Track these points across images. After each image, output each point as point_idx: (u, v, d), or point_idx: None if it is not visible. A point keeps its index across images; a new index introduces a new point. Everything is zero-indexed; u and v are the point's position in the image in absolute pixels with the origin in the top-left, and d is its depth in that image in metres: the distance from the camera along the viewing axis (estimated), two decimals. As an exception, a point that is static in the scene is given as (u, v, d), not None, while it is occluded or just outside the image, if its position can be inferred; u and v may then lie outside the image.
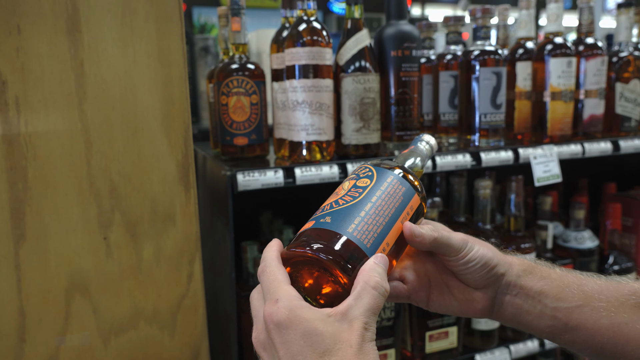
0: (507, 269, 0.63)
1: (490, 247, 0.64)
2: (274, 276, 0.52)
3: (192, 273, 0.98)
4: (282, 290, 0.50)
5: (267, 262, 0.54)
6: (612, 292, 0.62)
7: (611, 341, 0.61)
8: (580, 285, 0.63)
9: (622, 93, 1.32)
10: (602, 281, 0.64)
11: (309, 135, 1.03)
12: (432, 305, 0.68)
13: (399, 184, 0.60)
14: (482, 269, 0.62)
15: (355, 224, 0.55)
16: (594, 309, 0.61)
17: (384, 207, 0.58)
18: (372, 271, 0.52)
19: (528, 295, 0.63)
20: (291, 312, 0.48)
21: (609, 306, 0.61)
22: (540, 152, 1.23)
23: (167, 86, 0.90)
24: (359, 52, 1.05)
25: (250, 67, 1.09)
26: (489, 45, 1.19)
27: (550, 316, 0.62)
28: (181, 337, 0.98)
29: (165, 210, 0.94)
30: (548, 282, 0.63)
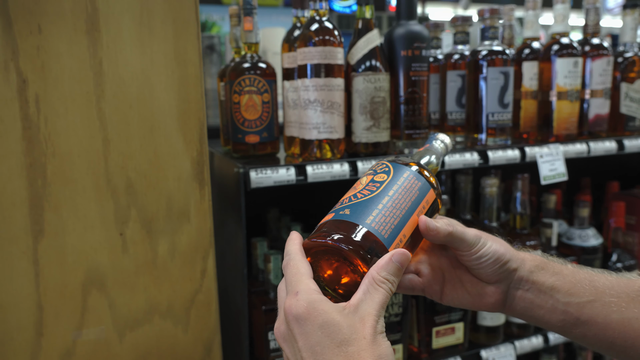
0: (520, 265, 0.65)
1: (503, 243, 0.66)
2: (297, 269, 0.54)
3: (206, 269, 0.99)
4: (303, 284, 0.52)
5: (291, 256, 0.55)
6: (623, 288, 0.64)
7: (622, 335, 0.62)
8: (592, 281, 0.64)
9: (627, 93, 1.34)
10: (612, 277, 0.65)
11: (321, 134, 1.05)
12: (445, 298, 0.70)
13: (415, 179, 0.62)
14: (494, 264, 0.64)
15: (373, 216, 0.57)
16: (605, 304, 0.63)
17: (400, 201, 0.59)
18: (383, 269, 0.54)
19: (540, 290, 0.64)
20: (310, 304, 0.50)
21: (619, 301, 0.62)
22: (546, 150, 1.25)
23: (183, 85, 0.92)
24: (370, 52, 1.07)
25: (262, 66, 1.11)
26: (497, 45, 1.21)
27: (562, 311, 0.64)
28: (194, 332, 1.00)
29: (180, 207, 0.95)
30: (560, 277, 0.64)
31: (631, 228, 1.50)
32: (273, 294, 1.12)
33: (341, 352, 0.48)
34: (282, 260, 1.12)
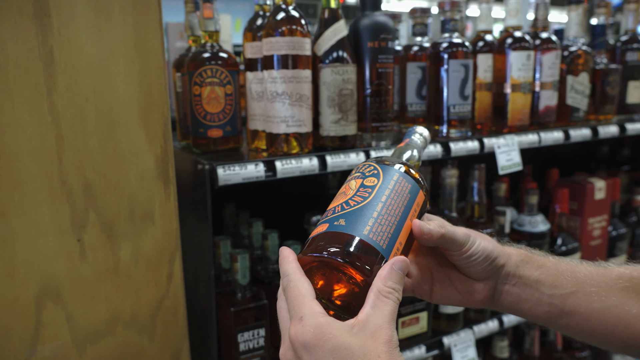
0: (507, 260, 0.66)
1: (490, 239, 0.66)
2: (298, 291, 0.51)
3: (173, 272, 0.93)
4: (306, 307, 0.49)
5: (290, 277, 0.52)
6: (602, 277, 0.66)
7: (602, 323, 0.65)
8: (573, 272, 0.66)
9: (573, 85, 1.41)
10: (591, 267, 0.68)
11: (289, 127, 1.01)
12: (434, 297, 0.69)
13: (405, 182, 0.60)
14: (483, 262, 0.64)
15: (369, 226, 0.55)
16: (587, 294, 0.65)
17: (394, 207, 0.58)
18: (387, 279, 0.52)
19: (526, 284, 0.66)
20: (317, 329, 0.47)
21: (599, 291, 0.65)
22: (503, 141, 1.29)
23: (145, 76, 0.85)
24: (338, 43, 1.04)
25: (224, 56, 1.05)
26: (457, 38, 1.22)
27: (547, 303, 0.65)
28: (161, 340, 0.94)
29: (144, 208, 0.89)
30: (544, 270, 0.66)
31: (574, 213, 1.59)
32: (240, 295, 1.08)
33: None
34: (249, 259, 1.08)
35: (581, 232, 1.58)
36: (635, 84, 1.55)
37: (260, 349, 1.08)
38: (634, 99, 1.56)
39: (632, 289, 0.65)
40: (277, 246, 1.24)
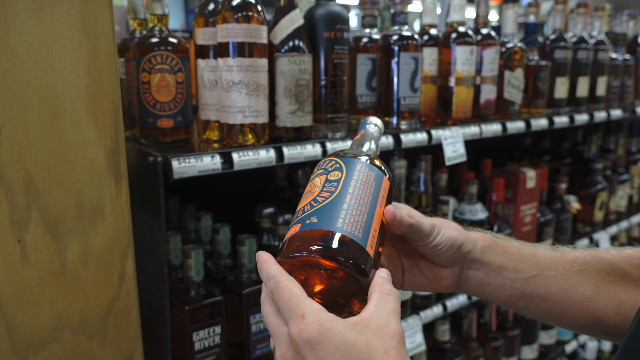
0: (472, 247, 0.68)
1: (456, 226, 0.68)
2: (291, 291, 0.49)
3: (125, 272, 0.88)
4: (306, 305, 0.48)
5: (278, 278, 0.51)
6: (560, 261, 0.70)
7: (559, 304, 0.69)
8: (534, 256, 0.70)
9: (509, 80, 1.48)
10: (550, 252, 0.72)
11: (246, 118, 0.98)
12: (405, 285, 0.70)
13: (368, 170, 0.61)
14: (449, 250, 0.66)
15: (342, 218, 0.55)
16: (546, 277, 0.69)
17: (362, 196, 0.58)
18: (384, 281, 0.53)
19: (490, 269, 0.68)
20: (321, 326, 0.46)
21: (557, 274, 0.69)
22: (449, 133, 1.33)
23: (94, 61, 0.78)
24: (294, 32, 1.02)
25: (174, 42, 0.99)
26: (407, 31, 1.24)
27: (509, 286, 0.69)
28: (113, 344, 0.88)
29: (93, 204, 0.82)
30: (508, 256, 0.69)
31: (508, 201, 1.68)
32: (194, 292, 1.04)
33: None
34: (203, 255, 1.04)
35: (514, 218, 1.68)
36: (562, 80, 1.66)
37: (216, 346, 1.04)
38: (561, 94, 1.67)
39: (586, 272, 0.69)
40: (228, 240, 1.20)
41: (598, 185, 2.02)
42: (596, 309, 0.68)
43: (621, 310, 0.68)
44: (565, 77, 1.67)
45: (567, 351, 2.13)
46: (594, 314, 0.69)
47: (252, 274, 1.11)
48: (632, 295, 0.69)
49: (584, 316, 0.69)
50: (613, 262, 0.70)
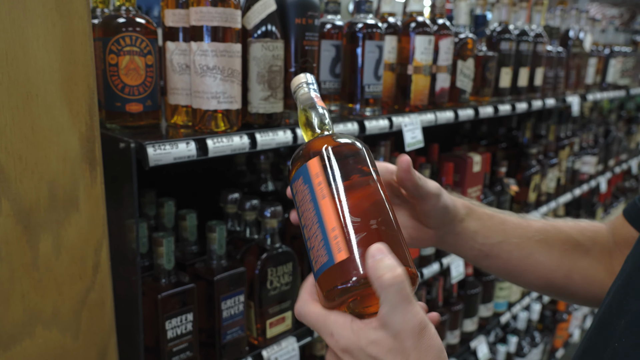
0: (457, 213, 0.73)
1: (448, 194, 0.72)
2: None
3: (99, 263, 0.85)
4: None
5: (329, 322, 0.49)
6: (524, 230, 0.78)
7: (517, 268, 0.78)
8: (503, 224, 0.77)
9: (462, 69, 1.55)
10: (517, 220, 0.79)
11: (220, 104, 0.96)
12: None
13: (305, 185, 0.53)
14: (444, 215, 0.70)
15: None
16: (510, 244, 0.76)
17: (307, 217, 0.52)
18: (377, 270, 0.45)
19: (466, 234, 0.74)
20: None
21: (520, 242, 0.77)
22: (408, 120, 1.38)
23: (68, 43, 0.74)
24: (268, 17, 1.01)
25: (142, 22, 0.95)
26: (371, 19, 1.26)
27: (478, 249, 0.76)
28: (87, 337, 0.86)
29: (67, 194, 0.78)
30: (480, 222, 0.75)
31: (456, 184, 1.77)
32: (165, 280, 1.02)
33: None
34: (174, 242, 1.02)
35: (462, 201, 1.77)
36: (506, 70, 1.76)
37: (188, 334, 1.04)
38: (505, 83, 1.78)
39: (545, 241, 0.77)
40: (195, 227, 1.18)
41: (532, 169, 2.18)
42: (548, 273, 0.77)
43: (569, 275, 0.77)
44: (509, 67, 1.77)
45: (501, 322, 2.31)
46: (545, 277, 0.77)
47: (222, 260, 1.10)
48: (580, 262, 0.78)
49: (537, 278, 0.78)
50: (569, 233, 0.79)
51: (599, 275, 0.77)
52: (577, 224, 0.81)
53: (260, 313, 1.18)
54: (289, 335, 1.25)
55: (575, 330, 3.01)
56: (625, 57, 2.71)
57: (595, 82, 2.46)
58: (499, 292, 2.26)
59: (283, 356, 1.21)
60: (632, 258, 0.60)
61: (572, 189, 2.60)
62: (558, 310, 2.83)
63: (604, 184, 2.89)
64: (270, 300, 1.18)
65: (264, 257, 1.15)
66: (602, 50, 2.50)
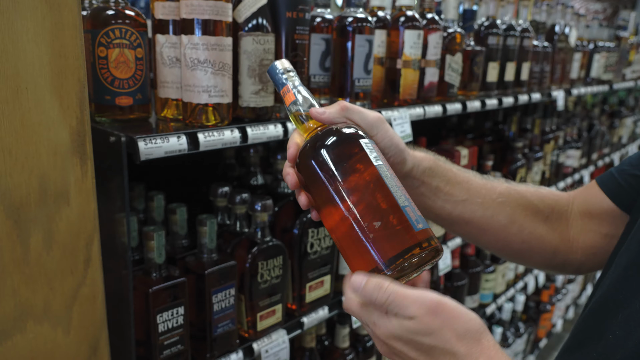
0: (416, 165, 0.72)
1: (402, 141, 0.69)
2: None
3: (90, 257, 0.85)
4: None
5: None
6: (488, 191, 0.79)
7: (478, 228, 0.79)
8: (468, 183, 0.78)
9: (450, 64, 1.56)
10: (483, 181, 0.80)
11: (211, 97, 0.96)
12: None
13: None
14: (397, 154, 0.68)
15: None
16: (473, 203, 0.77)
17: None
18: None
19: (427, 189, 0.75)
20: None
21: (483, 202, 0.78)
22: (397, 114, 1.39)
23: (58, 36, 0.73)
24: (259, 10, 1.01)
25: (132, 15, 0.94)
26: (361, 13, 1.26)
27: (440, 206, 0.76)
28: (78, 331, 0.86)
29: (57, 188, 0.78)
30: (444, 179, 0.75)
31: (444, 178, 1.79)
32: (156, 274, 1.02)
33: None
34: (165, 236, 1.02)
35: (449, 194, 1.79)
36: (493, 65, 1.78)
37: (179, 327, 1.04)
38: (492, 77, 1.79)
39: (507, 204, 0.79)
40: (185, 220, 1.18)
41: (518, 162, 2.21)
42: (507, 236, 0.79)
43: (527, 239, 0.79)
44: (496, 62, 1.78)
45: (487, 313, 2.34)
46: (504, 239, 0.79)
47: (213, 254, 1.11)
48: (538, 229, 0.80)
49: (496, 240, 0.80)
50: (530, 199, 0.80)
51: (553, 242, 0.80)
52: (538, 190, 0.83)
53: (251, 306, 1.18)
54: (279, 327, 1.26)
55: (558, 320, 3.07)
56: (609, 52, 2.75)
57: (579, 77, 2.49)
58: (484, 284, 2.29)
59: (273, 348, 1.22)
60: (627, 253, 0.61)
61: (556, 182, 2.64)
62: (542, 302, 2.88)
63: (587, 177, 2.94)
64: (261, 293, 1.19)
65: (255, 250, 1.16)
66: (587, 46, 2.54)
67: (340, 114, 0.64)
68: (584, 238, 0.80)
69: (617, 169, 0.78)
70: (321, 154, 0.59)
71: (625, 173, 0.76)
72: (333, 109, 0.64)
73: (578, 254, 0.81)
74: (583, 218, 0.81)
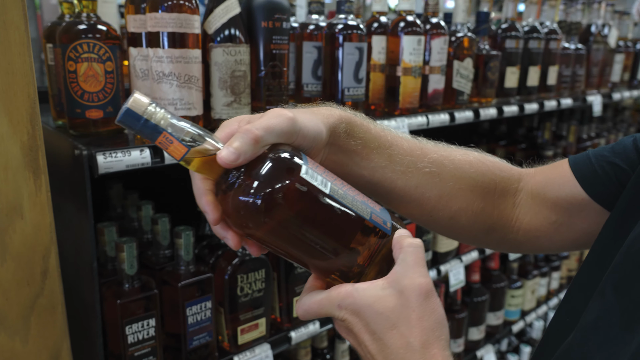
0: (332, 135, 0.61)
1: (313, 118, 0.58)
2: None
3: (47, 269, 0.86)
4: None
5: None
6: (416, 158, 0.67)
7: (398, 198, 0.68)
8: (390, 147, 0.66)
9: (459, 70, 1.48)
10: (410, 145, 0.68)
11: (178, 110, 0.96)
12: None
13: None
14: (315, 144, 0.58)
15: None
16: (394, 171, 0.66)
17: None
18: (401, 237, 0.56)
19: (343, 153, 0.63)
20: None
21: (406, 170, 0.67)
22: (394, 124, 1.33)
23: (4, 54, 0.74)
24: (230, 21, 0.99)
25: (102, 29, 0.95)
26: (352, 20, 1.22)
27: (358, 173, 0.65)
28: (37, 341, 0.87)
29: (10, 202, 0.79)
30: (360, 142, 0.63)
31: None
32: (128, 285, 1.03)
33: None
34: (137, 246, 1.03)
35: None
36: (512, 70, 1.67)
37: (150, 339, 1.04)
38: (511, 83, 1.69)
39: (437, 175, 0.68)
40: (167, 231, 1.19)
41: (547, 172, 2.07)
42: (432, 211, 0.69)
43: (456, 216, 0.70)
44: (515, 66, 1.68)
45: (514, 330, 2.22)
46: (429, 213, 0.70)
47: (190, 266, 1.10)
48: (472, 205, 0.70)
49: (420, 213, 0.70)
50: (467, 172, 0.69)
51: (489, 220, 0.71)
52: (483, 162, 0.71)
53: (231, 319, 1.17)
54: (263, 342, 1.24)
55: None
56: (661, 52, 2.52)
57: (622, 80, 2.31)
58: (510, 300, 2.17)
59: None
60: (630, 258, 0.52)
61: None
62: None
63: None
64: (242, 306, 1.17)
65: (235, 262, 1.14)
66: (632, 46, 2.34)
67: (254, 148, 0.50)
68: (529, 220, 0.71)
69: (595, 153, 0.68)
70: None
71: (604, 160, 0.66)
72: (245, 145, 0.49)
73: (519, 234, 0.72)
74: (535, 198, 0.71)
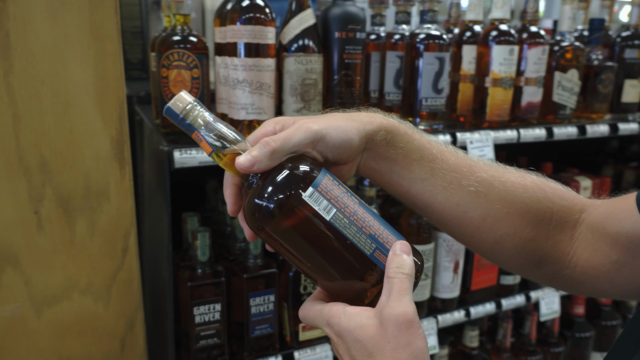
0: (368, 142, 0.60)
1: (345, 128, 0.58)
2: None
3: (127, 247, 0.99)
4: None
5: None
6: (461, 174, 0.63)
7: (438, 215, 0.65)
8: (434, 160, 0.63)
9: (560, 82, 1.37)
10: (459, 160, 0.65)
11: (249, 114, 1.04)
12: None
13: None
14: (345, 151, 0.58)
15: None
16: (435, 185, 0.63)
17: None
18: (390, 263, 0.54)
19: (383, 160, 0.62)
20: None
21: (449, 186, 0.63)
22: (477, 137, 1.28)
23: (100, 62, 0.88)
24: (302, 32, 1.05)
25: (193, 40, 1.07)
26: (435, 30, 1.20)
27: (396, 183, 0.63)
28: (116, 308, 1.01)
29: (99, 187, 0.94)
30: (401, 152, 0.62)
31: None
32: (200, 270, 1.14)
33: None
34: (209, 237, 1.13)
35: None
36: (632, 83, 1.49)
37: (215, 322, 1.14)
38: (630, 97, 1.51)
39: (482, 195, 0.63)
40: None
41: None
42: (474, 232, 0.65)
43: (501, 241, 0.65)
44: (637, 79, 1.49)
45: (627, 377, 1.96)
46: (471, 234, 0.65)
47: (258, 260, 1.18)
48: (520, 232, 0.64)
49: (461, 233, 0.66)
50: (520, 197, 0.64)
51: (540, 250, 0.65)
52: (540, 188, 0.65)
53: (293, 316, 1.22)
54: (325, 341, 1.27)
55: None
56: None
57: None
58: (624, 342, 1.92)
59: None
60: None
61: None
62: None
63: None
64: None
65: (300, 262, 1.19)
66: None
67: (270, 159, 0.53)
68: (587, 256, 0.64)
69: None
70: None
71: None
72: (261, 156, 0.53)
73: (575, 271, 0.65)
74: (594, 232, 0.63)
